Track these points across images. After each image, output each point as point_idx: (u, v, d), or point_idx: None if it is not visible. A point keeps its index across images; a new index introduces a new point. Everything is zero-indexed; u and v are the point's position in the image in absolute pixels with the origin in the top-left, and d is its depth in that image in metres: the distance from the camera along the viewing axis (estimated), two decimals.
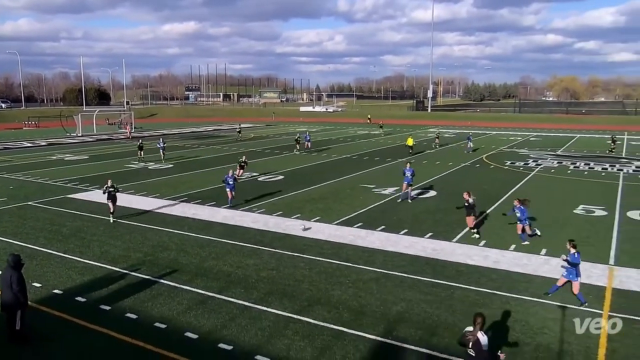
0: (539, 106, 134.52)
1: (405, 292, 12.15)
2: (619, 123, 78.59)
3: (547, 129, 67.87)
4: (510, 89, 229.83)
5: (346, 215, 19.42)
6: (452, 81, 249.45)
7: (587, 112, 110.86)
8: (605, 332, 10.06)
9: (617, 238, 16.52)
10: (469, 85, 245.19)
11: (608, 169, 32.12)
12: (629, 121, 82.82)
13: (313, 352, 9.44)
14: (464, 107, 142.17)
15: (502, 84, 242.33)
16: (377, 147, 44.98)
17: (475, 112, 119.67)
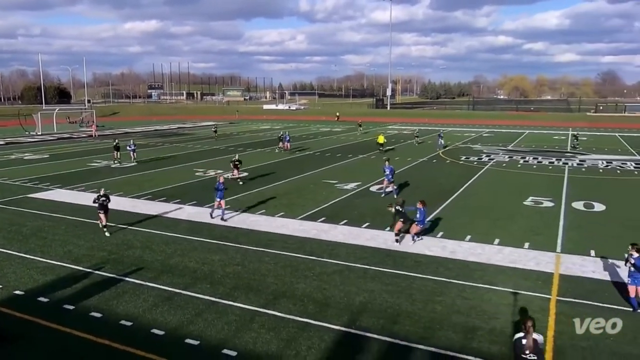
0: (491, 104, 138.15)
1: (368, 283, 12.29)
2: (564, 120, 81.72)
3: (498, 126, 69.80)
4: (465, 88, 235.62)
5: (310, 210, 19.45)
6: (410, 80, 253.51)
7: (535, 110, 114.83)
8: (554, 315, 10.48)
9: (564, 227, 17.19)
10: (425, 84, 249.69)
11: (554, 162, 33.35)
12: (573, 118, 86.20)
13: (279, 344, 9.44)
14: (422, 105, 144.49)
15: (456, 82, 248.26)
16: (339, 144, 45.20)
17: (432, 109, 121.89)
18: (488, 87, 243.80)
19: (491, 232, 16.42)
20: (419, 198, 20.51)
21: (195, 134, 56.41)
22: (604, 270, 13.04)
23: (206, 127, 68.45)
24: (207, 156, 36.52)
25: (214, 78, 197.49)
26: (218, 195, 17.81)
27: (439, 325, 10.11)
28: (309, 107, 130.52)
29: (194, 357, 9.10)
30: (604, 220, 18.20)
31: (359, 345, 9.39)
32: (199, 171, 29.40)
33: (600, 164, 32.71)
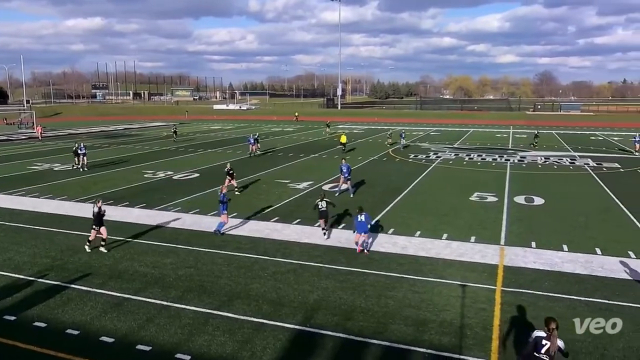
0: (437, 103, 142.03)
1: (322, 281, 12.34)
2: (505, 118, 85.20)
3: (445, 124, 71.89)
4: (412, 88, 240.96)
5: (263, 210, 19.32)
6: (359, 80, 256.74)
7: (478, 109, 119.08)
8: (499, 305, 10.91)
9: (507, 221, 17.93)
10: (375, 84, 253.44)
11: (497, 159, 34.72)
12: (513, 116, 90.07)
13: (234, 345, 9.32)
14: (371, 105, 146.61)
15: (404, 82, 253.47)
16: (290, 144, 45.15)
17: (381, 109, 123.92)
18: (434, 87, 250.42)
19: (440, 228, 16.88)
20: (371, 196, 20.86)
21: (144, 135, 54.76)
22: (544, 260, 13.70)
23: (155, 127, 66.62)
24: (156, 157, 35.53)
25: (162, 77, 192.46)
26: (223, 208, 16.07)
27: (392, 319, 10.30)
28: (260, 107, 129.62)
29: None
30: (543, 213, 19.11)
31: (314, 343, 9.41)
32: (148, 172, 28.56)
33: (539, 160, 34.33)
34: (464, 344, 9.30)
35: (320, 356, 8.98)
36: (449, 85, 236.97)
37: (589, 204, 20.75)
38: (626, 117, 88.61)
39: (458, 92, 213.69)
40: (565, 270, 12.97)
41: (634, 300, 11.12)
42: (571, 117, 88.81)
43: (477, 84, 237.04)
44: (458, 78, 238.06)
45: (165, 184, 25.28)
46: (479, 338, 9.52)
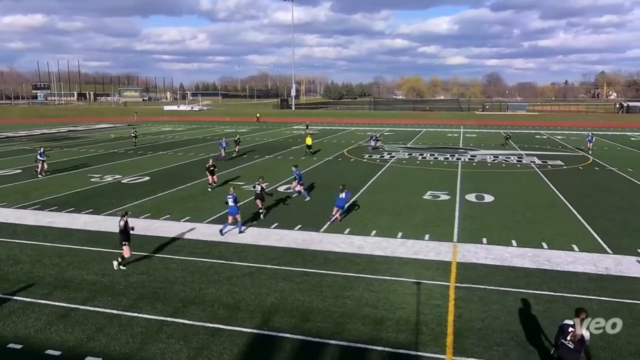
0: (390, 104, 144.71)
1: (279, 283, 12.29)
2: (456, 118, 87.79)
3: (398, 124, 73.27)
4: (365, 88, 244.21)
5: (217, 213, 19.03)
6: (313, 81, 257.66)
7: (430, 109, 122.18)
8: (453, 301, 11.22)
9: (459, 218, 18.47)
10: (328, 84, 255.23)
11: (449, 158, 35.72)
12: (464, 116, 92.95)
13: (189, 352, 9.13)
14: (325, 105, 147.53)
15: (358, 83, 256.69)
16: (245, 145, 44.68)
17: (335, 109, 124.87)
18: (387, 88, 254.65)
19: (395, 226, 17.18)
20: (327, 196, 20.88)
21: (90, 138, 52.74)
22: (494, 256, 14.22)
23: (102, 129, 64.35)
24: (103, 160, 34.28)
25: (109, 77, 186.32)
26: (232, 210, 16.00)
27: (349, 319, 10.40)
28: (213, 108, 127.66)
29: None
30: (493, 210, 19.82)
31: (272, 346, 9.37)
32: (95, 177, 27.54)
33: (488, 158, 35.59)
34: (420, 341, 9.51)
35: (278, 359, 8.94)
36: (402, 86, 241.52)
37: (536, 200, 21.69)
38: (567, 117, 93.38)
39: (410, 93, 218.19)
40: (515, 264, 13.50)
41: (576, 292, 11.72)
42: (517, 117, 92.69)
43: (428, 84, 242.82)
44: (410, 79, 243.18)
45: (113, 188, 24.45)
46: (434, 334, 9.76)
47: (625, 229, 16.86)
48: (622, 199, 21.87)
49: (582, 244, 15.22)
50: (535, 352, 9.11)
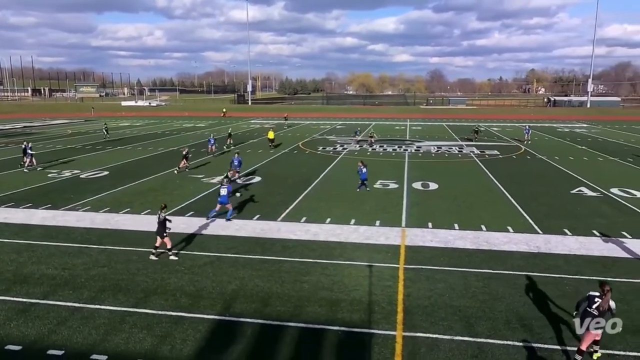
0: (342, 99, 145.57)
1: (239, 271, 12.20)
2: (402, 112, 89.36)
3: (349, 118, 73.76)
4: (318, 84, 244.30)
5: (177, 206, 18.62)
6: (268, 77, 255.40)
7: (379, 104, 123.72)
8: (402, 281, 11.50)
9: (407, 205, 18.89)
10: (283, 80, 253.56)
11: (397, 149, 36.38)
12: (410, 110, 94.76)
13: (153, 341, 8.94)
14: (281, 100, 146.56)
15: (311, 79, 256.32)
16: (203, 139, 43.78)
17: (290, 104, 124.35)
18: (339, 84, 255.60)
19: (348, 214, 17.38)
20: (284, 187, 20.84)
21: (46, 133, 50.12)
22: (439, 239, 14.66)
23: (58, 125, 61.30)
24: (60, 156, 32.69)
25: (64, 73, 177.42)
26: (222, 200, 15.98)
27: (307, 302, 10.47)
28: (171, 104, 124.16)
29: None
30: (438, 196, 20.39)
31: (234, 331, 9.31)
32: (52, 172, 26.27)
33: (432, 149, 36.50)
34: (373, 319, 9.71)
35: (240, 343, 8.91)
36: (352, 82, 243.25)
37: (475, 187, 22.48)
38: (502, 110, 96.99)
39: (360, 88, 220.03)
40: (457, 246, 13.98)
41: (512, 269, 12.29)
42: (458, 111, 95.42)
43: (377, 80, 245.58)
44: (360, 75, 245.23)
45: (71, 183, 23.41)
46: (386, 312, 9.99)
47: (553, 211, 17.78)
48: (550, 184, 23.02)
49: (516, 226, 15.93)
50: (476, 324, 9.49)
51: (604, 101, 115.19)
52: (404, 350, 8.63)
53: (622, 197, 20.25)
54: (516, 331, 9.23)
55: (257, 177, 24.91)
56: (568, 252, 13.49)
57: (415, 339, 8.99)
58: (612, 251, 13.53)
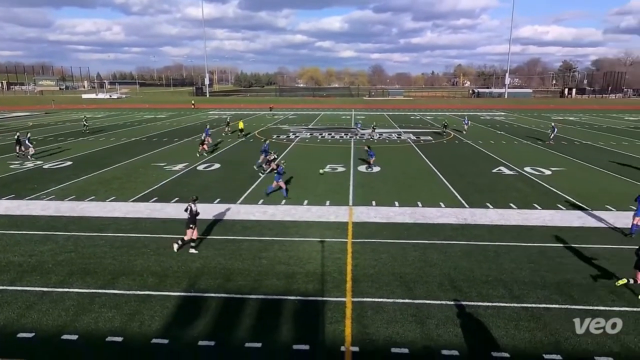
0: (293, 91, 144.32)
1: (202, 251, 11.98)
2: (348, 103, 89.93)
3: (300, 109, 73.35)
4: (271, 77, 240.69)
5: (141, 192, 17.93)
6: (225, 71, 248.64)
7: (327, 95, 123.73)
8: (350, 254, 11.71)
9: (353, 186, 19.16)
10: (239, 74, 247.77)
11: (344, 136, 36.65)
12: (354, 101, 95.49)
13: (122, 318, 8.65)
14: (237, 93, 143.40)
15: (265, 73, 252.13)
16: (164, 130, 42.25)
17: (246, 96, 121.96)
18: (290, 77, 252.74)
19: (301, 196, 17.41)
20: (242, 172, 20.48)
21: (5, 126, 46.49)
22: (382, 215, 15.01)
23: (18, 118, 57.01)
24: None
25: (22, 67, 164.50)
26: (277, 178, 17.01)
27: (266, 276, 10.46)
28: (131, 96, 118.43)
29: (29, 349, 7.77)
30: (380, 178, 20.81)
31: (199, 305, 9.17)
32: (14, 163, 24.49)
33: (375, 136, 37.04)
34: (326, 288, 9.86)
35: (205, 316, 8.80)
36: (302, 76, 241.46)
37: (412, 168, 23.11)
38: (434, 101, 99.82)
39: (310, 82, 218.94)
40: (397, 221, 14.38)
41: (444, 239, 12.82)
42: (396, 101, 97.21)
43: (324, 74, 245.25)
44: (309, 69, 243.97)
45: (35, 173, 21.95)
46: (337, 282, 10.17)
47: (477, 188, 18.63)
48: (475, 165, 24.06)
49: (447, 202, 16.57)
50: (414, 287, 9.86)
51: (519, 92, 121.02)
52: (353, 313, 8.84)
53: (533, 174, 21.52)
54: (448, 292, 9.67)
55: (217, 164, 24.39)
56: (490, 222, 14.22)
57: (362, 303, 9.23)
58: (525, 221, 14.40)
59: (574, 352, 7.59)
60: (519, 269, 10.77)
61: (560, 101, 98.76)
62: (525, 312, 8.85)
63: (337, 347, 7.79)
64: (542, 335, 8.09)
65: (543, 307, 9.08)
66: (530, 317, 8.70)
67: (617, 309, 8.91)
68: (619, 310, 8.85)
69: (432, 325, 8.43)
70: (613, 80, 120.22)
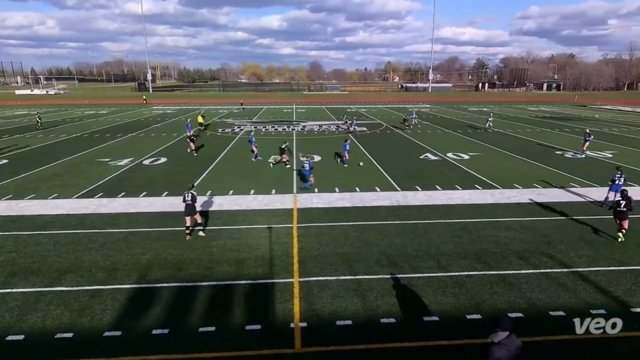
0: (236, 86, 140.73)
1: (152, 243, 11.47)
2: (289, 97, 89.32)
3: (244, 103, 71.74)
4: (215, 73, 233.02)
5: (86, 189, 16.74)
6: (167, 66, 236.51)
7: (269, 90, 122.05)
8: (296, 238, 11.77)
9: (297, 175, 19.17)
10: (181, 69, 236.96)
11: (286, 129, 36.45)
12: (295, 96, 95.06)
13: (71, 315, 8.10)
14: (180, 88, 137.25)
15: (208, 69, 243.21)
16: (107, 125, 39.52)
17: (190, 92, 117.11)
18: (233, 73, 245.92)
19: (248, 186, 17.15)
20: (191, 165, 19.78)
21: None
22: (324, 201, 15.20)
23: None
24: None
25: None
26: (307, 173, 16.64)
27: (217, 263, 10.25)
28: (69, 92, 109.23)
29: None
30: (321, 166, 20.97)
31: (151, 296, 8.81)
32: None
33: (315, 128, 37.22)
34: (274, 271, 9.86)
35: (158, 305, 8.47)
36: (245, 71, 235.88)
37: (350, 157, 23.49)
38: (368, 95, 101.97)
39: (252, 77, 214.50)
40: (338, 205, 14.64)
41: (380, 220, 13.25)
42: (334, 95, 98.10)
43: (266, 70, 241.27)
44: (251, 65, 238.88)
45: None
46: (284, 264, 10.20)
47: (407, 174, 19.41)
48: (404, 152, 25.00)
49: (382, 186, 17.12)
50: (355, 265, 10.13)
51: (441, 87, 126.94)
52: (301, 292, 8.93)
53: (454, 159, 22.79)
54: (385, 267, 10.05)
55: (163, 158, 23.31)
56: (419, 203, 14.90)
57: (309, 282, 9.34)
58: (449, 200, 15.25)
59: (490, 311, 8.23)
60: (445, 242, 11.42)
61: (476, 94, 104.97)
62: (450, 280, 9.43)
63: (287, 325, 7.85)
64: (465, 299, 8.68)
65: (465, 274, 9.72)
66: (455, 284, 9.29)
67: (524, 272, 9.76)
68: (525, 273, 9.70)
69: (372, 297, 8.74)
70: (518, 76, 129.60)
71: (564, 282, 9.31)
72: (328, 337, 7.46)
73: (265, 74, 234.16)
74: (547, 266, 10.06)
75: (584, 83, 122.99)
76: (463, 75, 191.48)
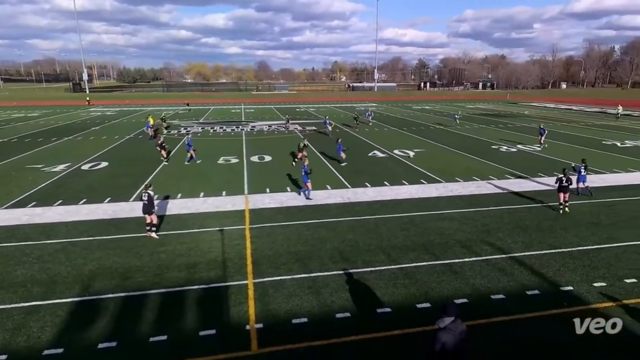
0: (181, 86, 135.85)
1: (94, 252, 10.79)
2: (236, 97, 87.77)
3: (190, 104, 69.42)
4: (157, 73, 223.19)
5: (16, 198, 15.40)
6: (105, 65, 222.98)
7: (215, 90, 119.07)
8: (249, 239, 11.61)
9: (247, 175, 18.91)
10: (121, 69, 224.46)
11: (235, 129, 35.78)
12: (243, 96, 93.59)
13: (4, 335, 7.43)
14: (120, 88, 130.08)
15: (150, 68, 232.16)
16: (38, 129, 36.56)
17: (131, 92, 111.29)
18: (177, 73, 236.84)
19: (196, 188, 16.65)
20: (135, 168, 18.87)
21: None
22: (276, 200, 15.11)
23: None
24: None
25: None
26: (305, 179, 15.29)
27: (166, 269, 9.86)
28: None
29: None
30: (271, 166, 20.86)
31: (95, 308, 8.28)
32: None
33: (265, 128, 36.89)
34: (228, 274, 9.66)
35: (104, 317, 7.99)
36: (189, 71, 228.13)
37: (291, 157, 23.54)
38: (315, 94, 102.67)
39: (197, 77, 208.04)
40: (290, 205, 14.62)
41: (332, 217, 13.41)
42: (282, 95, 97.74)
43: (212, 70, 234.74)
44: (196, 65, 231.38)
45: None
46: (238, 266, 10.02)
47: (356, 170, 19.80)
48: (354, 150, 25.43)
49: (333, 184, 17.32)
50: (309, 263, 10.18)
51: (386, 86, 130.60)
52: (255, 293, 8.83)
53: (400, 155, 23.58)
54: (338, 263, 10.20)
55: (104, 162, 21.99)
56: (369, 199, 15.26)
57: (263, 283, 9.26)
58: (397, 195, 15.76)
59: (438, 299, 8.62)
60: (394, 236, 11.80)
61: (419, 93, 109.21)
62: (401, 272, 9.76)
63: (242, 327, 7.72)
64: (415, 289, 9.03)
65: (414, 265, 10.11)
66: (405, 275, 9.63)
67: (467, 260, 10.32)
68: (469, 261, 10.27)
69: (326, 293, 8.83)
70: (456, 76, 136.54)
71: (502, 267, 9.97)
72: (284, 337, 7.44)
73: (212, 73, 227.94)
74: (488, 253, 10.71)
75: (514, 82, 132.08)
76: (406, 75, 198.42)
